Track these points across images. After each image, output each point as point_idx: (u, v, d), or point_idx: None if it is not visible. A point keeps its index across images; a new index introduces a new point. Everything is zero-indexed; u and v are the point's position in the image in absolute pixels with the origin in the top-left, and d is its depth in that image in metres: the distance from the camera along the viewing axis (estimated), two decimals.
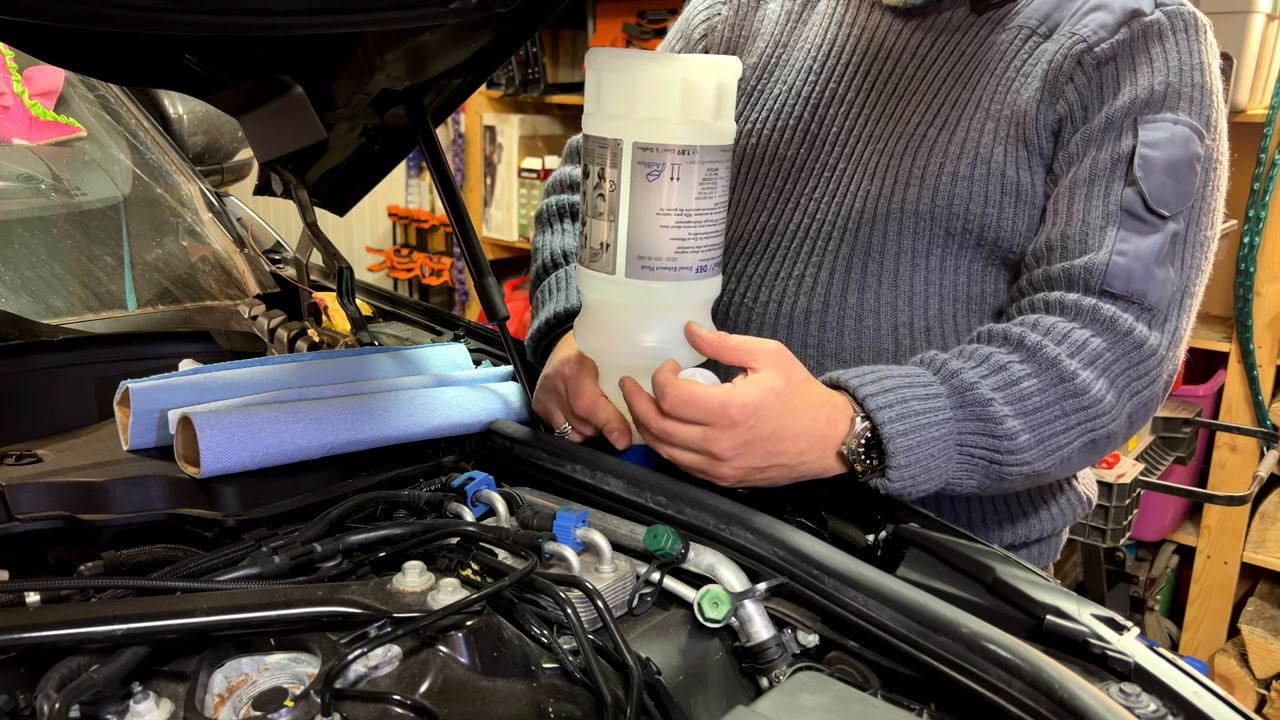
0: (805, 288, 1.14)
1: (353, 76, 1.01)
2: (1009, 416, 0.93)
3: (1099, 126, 1.01)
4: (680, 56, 0.97)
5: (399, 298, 1.57)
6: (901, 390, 0.92)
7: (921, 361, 0.98)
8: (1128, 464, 2.05)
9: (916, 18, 1.14)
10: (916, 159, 1.09)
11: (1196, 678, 0.69)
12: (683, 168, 0.90)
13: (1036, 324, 0.98)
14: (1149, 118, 1.00)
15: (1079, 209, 1.00)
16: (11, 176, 1.45)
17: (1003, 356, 0.96)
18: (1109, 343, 0.96)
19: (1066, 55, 1.02)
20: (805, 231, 1.15)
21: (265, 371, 1.00)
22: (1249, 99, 2.46)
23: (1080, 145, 1.02)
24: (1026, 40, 1.06)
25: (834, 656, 0.76)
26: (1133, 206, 0.98)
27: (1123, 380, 0.96)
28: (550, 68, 3.70)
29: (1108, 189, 0.99)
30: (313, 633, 0.66)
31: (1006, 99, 1.06)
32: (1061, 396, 0.94)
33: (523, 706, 0.65)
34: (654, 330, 0.95)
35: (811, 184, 1.16)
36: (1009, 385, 0.94)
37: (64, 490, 0.82)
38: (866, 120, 1.14)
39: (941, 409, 0.92)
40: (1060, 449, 0.95)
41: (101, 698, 0.61)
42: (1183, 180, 0.99)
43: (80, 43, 0.98)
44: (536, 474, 0.98)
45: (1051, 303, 0.99)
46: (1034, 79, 1.04)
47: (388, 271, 4.29)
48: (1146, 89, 1.00)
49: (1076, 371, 0.94)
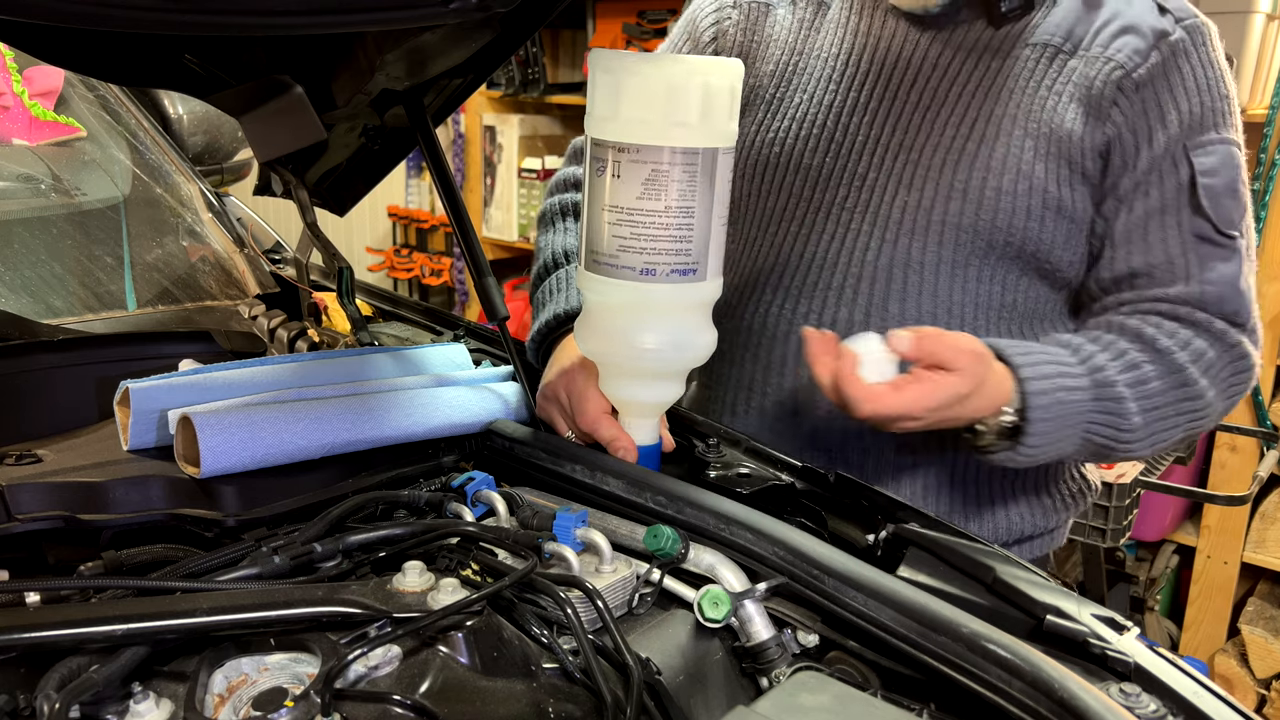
0: (846, 299, 1.16)
1: (353, 76, 1.01)
2: (1135, 413, 1.03)
3: (1158, 156, 1.08)
4: (665, 56, 0.97)
5: (399, 298, 1.57)
6: (1055, 379, 1.00)
7: (1069, 346, 1.05)
8: (1127, 464, 2.05)
9: (933, 28, 1.15)
10: (958, 172, 1.11)
11: (1196, 678, 0.69)
12: (623, 165, 0.89)
13: (1161, 326, 1.07)
14: (1198, 141, 1.08)
15: (1156, 239, 1.08)
16: (11, 176, 1.45)
17: (1137, 355, 1.05)
18: (1218, 353, 1.07)
19: (1106, 81, 1.07)
20: (841, 241, 1.16)
21: (265, 371, 1.00)
22: (1249, 99, 2.47)
23: (1144, 174, 1.08)
24: (1054, 58, 1.10)
25: (834, 656, 0.76)
26: (1205, 233, 1.07)
27: (1225, 385, 1.08)
28: (550, 68, 3.71)
29: (1179, 218, 1.08)
30: (313, 633, 0.66)
31: (1043, 117, 1.09)
32: (1179, 399, 1.05)
33: (523, 706, 0.65)
34: (653, 332, 0.95)
35: (841, 193, 1.17)
36: (1140, 384, 1.03)
37: (64, 490, 0.82)
38: (894, 130, 1.15)
39: (1083, 400, 1.01)
40: (1164, 441, 1.06)
41: (101, 698, 0.61)
42: (1239, 197, 1.09)
43: (80, 43, 0.98)
44: (536, 474, 0.98)
45: (1164, 313, 1.08)
46: (1070, 99, 1.09)
47: (388, 271, 4.29)
48: (1189, 113, 1.07)
49: (1197, 379, 1.05)
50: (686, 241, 0.92)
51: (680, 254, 0.92)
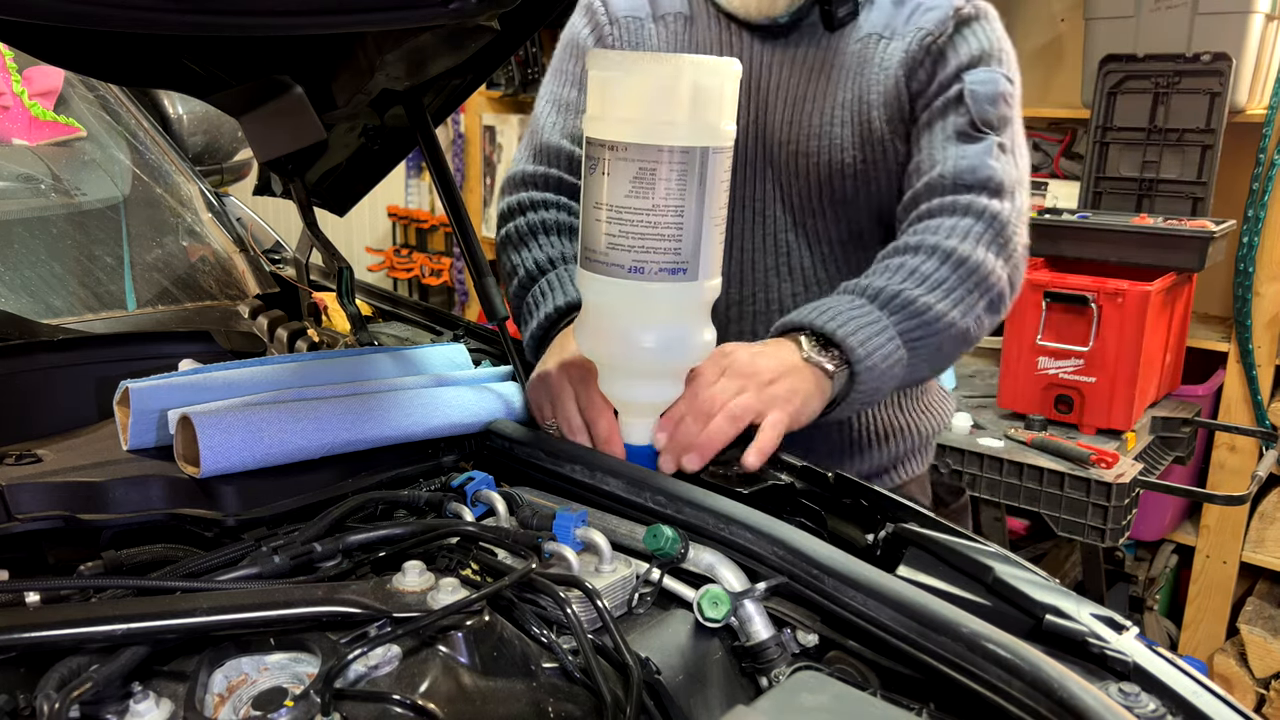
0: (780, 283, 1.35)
1: (352, 76, 1.01)
2: (922, 296, 1.14)
3: (937, 88, 1.27)
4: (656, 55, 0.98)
5: (399, 298, 1.58)
6: (835, 308, 1.11)
7: (843, 289, 1.17)
8: (1127, 464, 2.05)
9: (781, 37, 1.31)
10: (832, 154, 1.29)
11: (1195, 677, 0.69)
12: (613, 163, 0.90)
13: (924, 228, 1.21)
14: (972, 71, 1.26)
15: (925, 142, 1.27)
16: (11, 176, 1.45)
17: (899, 259, 1.19)
18: (973, 219, 1.20)
19: (919, 44, 1.27)
20: (762, 232, 1.34)
21: (265, 371, 1.00)
22: (1248, 99, 2.46)
23: (922, 106, 1.28)
24: (877, 44, 1.30)
25: (834, 656, 0.76)
26: (964, 128, 1.24)
27: (994, 246, 1.20)
28: None
29: (944, 121, 1.26)
30: (312, 632, 0.66)
31: (878, 88, 1.29)
32: (955, 268, 1.17)
33: (522, 706, 0.65)
34: (652, 332, 0.95)
35: (751, 189, 1.33)
36: (918, 278, 1.16)
37: (64, 490, 0.82)
38: (774, 125, 1.31)
39: (871, 311, 1.12)
40: (972, 308, 1.18)
41: (101, 697, 0.61)
42: (999, 108, 1.25)
43: (80, 43, 0.98)
44: (536, 474, 0.98)
45: (924, 211, 1.23)
46: (893, 67, 1.28)
47: (387, 271, 4.30)
48: (968, 54, 1.27)
49: (957, 247, 1.18)
50: (676, 240, 0.92)
51: (669, 253, 0.92)
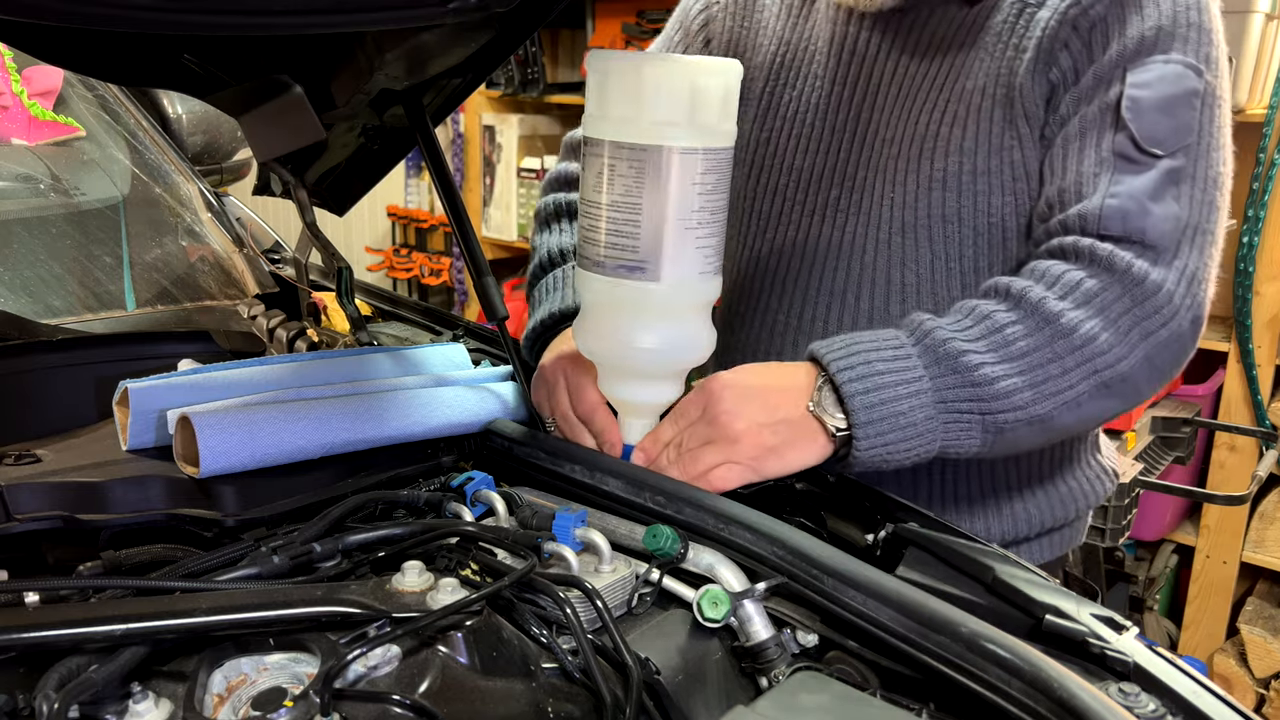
0: (849, 304, 1.13)
1: (352, 76, 1.01)
2: (990, 364, 0.91)
3: (1088, 84, 0.99)
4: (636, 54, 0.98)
5: (398, 298, 1.57)
6: (867, 353, 0.91)
7: (903, 324, 0.96)
8: (1127, 463, 2.05)
9: (911, 15, 1.11)
10: (935, 160, 1.06)
11: (1195, 677, 0.69)
12: (587, 159, 0.93)
13: (1031, 271, 0.96)
14: (1138, 63, 0.97)
15: (1072, 163, 0.99)
16: (11, 176, 1.45)
17: (988, 306, 0.94)
18: (1105, 282, 0.93)
19: (1062, 20, 0.99)
20: (837, 246, 1.14)
21: (265, 371, 1.00)
22: (1249, 99, 2.46)
23: (1071, 105, 1.00)
24: (1020, 14, 1.02)
25: (833, 656, 0.76)
26: (1124, 149, 0.96)
27: (1127, 320, 0.93)
28: (550, 68, 3.71)
29: (1099, 138, 0.97)
30: (312, 633, 0.66)
31: (1003, 78, 1.02)
32: (1051, 338, 0.92)
33: (522, 706, 0.65)
34: (651, 332, 0.95)
35: (834, 194, 1.15)
36: (991, 333, 0.92)
37: (63, 490, 0.82)
38: (877, 124, 1.12)
39: (912, 367, 0.91)
40: (1062, 392, 0.92)
41: (101, 697, 0.61)
42: (1177, 116, 0.95)
43: (80, 43, 0.98)
44: (535, 474, 0.98)
45: (1052, 250, 0.98)
46: (1028, 50, 1.00)
47: (387, 271, 4.29)
48: (1135, 37, 0.97)
49: (1064, 311, 0.92)
50: (632, 238, 0.91)
51: (624, 249, 0.91)
